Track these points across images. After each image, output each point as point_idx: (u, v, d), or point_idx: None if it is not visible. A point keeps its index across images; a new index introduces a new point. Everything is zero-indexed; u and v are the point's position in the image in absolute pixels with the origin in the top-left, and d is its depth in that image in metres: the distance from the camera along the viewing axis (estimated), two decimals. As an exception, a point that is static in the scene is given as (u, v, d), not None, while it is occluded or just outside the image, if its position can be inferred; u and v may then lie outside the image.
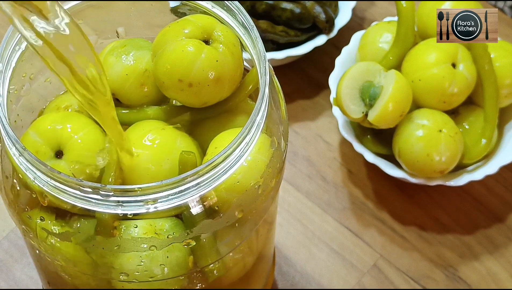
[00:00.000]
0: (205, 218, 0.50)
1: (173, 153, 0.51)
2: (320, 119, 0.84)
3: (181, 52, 0.52)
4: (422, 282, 0.75)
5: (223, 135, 0.53)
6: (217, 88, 0.53)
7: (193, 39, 0.53)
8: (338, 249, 0.76)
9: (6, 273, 0.73)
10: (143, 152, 0.51)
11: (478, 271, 0.75)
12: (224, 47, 0.53)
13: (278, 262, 0.75)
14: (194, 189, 0.47)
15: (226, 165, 0.48)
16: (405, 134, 0.73)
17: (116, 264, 0.51)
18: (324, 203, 0.79)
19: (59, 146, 0.51)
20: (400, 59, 0.75)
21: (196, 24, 0.53)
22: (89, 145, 0.51)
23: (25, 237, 0.55)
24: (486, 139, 0.74)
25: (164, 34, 0.54)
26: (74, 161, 0.51)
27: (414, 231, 0.77)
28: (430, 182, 0.74)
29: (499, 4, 0.93)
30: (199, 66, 0.52)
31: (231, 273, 0.58)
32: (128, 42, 0.57)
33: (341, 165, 0.81)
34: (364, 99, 0.73)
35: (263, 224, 0.58)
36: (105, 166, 0.51)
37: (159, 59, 0.53)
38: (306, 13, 0.83)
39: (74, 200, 0.47)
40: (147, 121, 0.54)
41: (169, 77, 0.53)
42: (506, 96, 0.76)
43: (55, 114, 0.55)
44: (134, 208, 0.47)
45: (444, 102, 0.74)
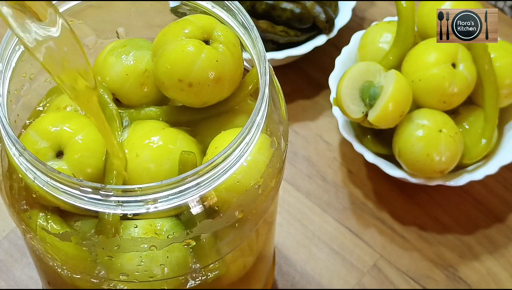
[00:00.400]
0: (205, 218, 0.50)
1: (173, 153, 0.51)
2: (320, 119, 0.84)
3: (181, 52, 0.52)
4: (422, 282, 0.75)
5: (223, 135, 0.53)
6: (217, 88, 0.53)
7: (193, 39, 0.53)
8: (338, 249, 0.76)
9: (6, 273, 0.73)
10: (143, 152, 0.51)
11: (478, 271, 0.75)
12: (224, 47, 0.53)
13: (278, 262, 0.75)
14: (194, 189, 0.47)
15: (226, 165, 0.48)
16: (405, 134, 0.73)
17: (116, 264, 0.51)
18: (324, 203, 0.79)
19: (59, 146, 0.51)
20: (400, 59, 0.75)
21: (196, 24, 0.53)
22: (90, 146, 0.51)
23: (25, 237, 0.55)
24: (486, 139, 0.74)
25: (164, 34, 0.54)
26: (74, 161, 0.51)
27: (414, 231, 0.77)
28: (430, 182, 0.74)
29: (499, 4, 0.93)
30: (199, 66, 0.52)
31: (231, 273, 0.58)
32: (128, 42, 0.57)
33: (341, 165, 0.81)
34: (364, 99, 0.73)
35: (263, 224, 0.58)
36: (107, 167, 0.51)
37: (159, 59, 0.53)
38: (306, 13, 0.83)
39: (74, 200, 0.47)
40: (147, 121, 0.54)
41: (169, 77, 0.53)
42: (506, 96, 0.76)
43: (55, 114, 0.55)
44: (134, 208, 0.47)
45: (444, 102, 0.74)
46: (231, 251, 0.55)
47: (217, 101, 0.55)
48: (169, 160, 0.51)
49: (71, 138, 0.51)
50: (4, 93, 0.51)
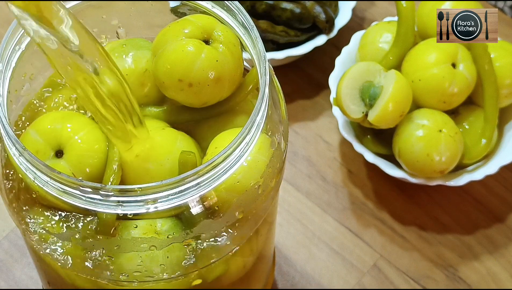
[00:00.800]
0: (205, 218, 0.50)
1: (173, 153, 0.51)
2: (320, 119, 0.84)
3: (181, 52, 0.52)
4: (422, 282, 0.75)
5: (223, 135, 0.53)
6: (217, 88, 0.53)
7: (193, 39, 0.53)
8: (338, 249, 0.76)
9: (6, 273, 0.73)
10: (143, 152, 0.51)
11: (478, 271, 0.75)
12: (224, 47, 0.53)
13: (278, 262, 0.75)
14: (194, 189, 0.47)
15: (226, 165, 0.48)
16: (405, 134, 0.73)
17: (116, 264, 0.51)
18: (324, 203, 0.79)
19: (59, 145, 0.51)
20: (400, 59, 0.75)
21: (196, 24, 0.53)
22: (90, 145, 0.51)
23: (25, 237, 0.55)
24: (486, 139, 0.74)
25: (164, 34, 0.54)
26: (74, 160, 0.51)
27: (414, 231, 0.77)
28: (430, 182, 0.74)
29: (499, 4, 0.93)
30: (199, 66, 0.52)
31: (231, 273, 0.58)
32: (128, 42, 0.57)
33: (341, 165, 0.81)
34: (364, 99, 0.73)
35: (263, 224, 0.58)
36: (106, 166, 0.51)
37: (159, 59, 0.53)
38: (306, 13, 0.83)
39: (74, 200, 0.47)
40: (147, 121, 0.54)
41: (169, 77, 0.53)
42: (506, 96, 0.76)
43: (55, 113, 0.55)
44: (134, 208, 0.47)
45: (444, 102, 0.74)
46: (231, 251, 0.55)
47: (217, 101, 0.55)
48: (169, 160, 0.51)
49: (71, 138, 0.51)
50: (4, 93, 0.51)
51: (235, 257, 0.57)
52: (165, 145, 0.52)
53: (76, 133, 0.51)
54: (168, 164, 0.51)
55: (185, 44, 0.52)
